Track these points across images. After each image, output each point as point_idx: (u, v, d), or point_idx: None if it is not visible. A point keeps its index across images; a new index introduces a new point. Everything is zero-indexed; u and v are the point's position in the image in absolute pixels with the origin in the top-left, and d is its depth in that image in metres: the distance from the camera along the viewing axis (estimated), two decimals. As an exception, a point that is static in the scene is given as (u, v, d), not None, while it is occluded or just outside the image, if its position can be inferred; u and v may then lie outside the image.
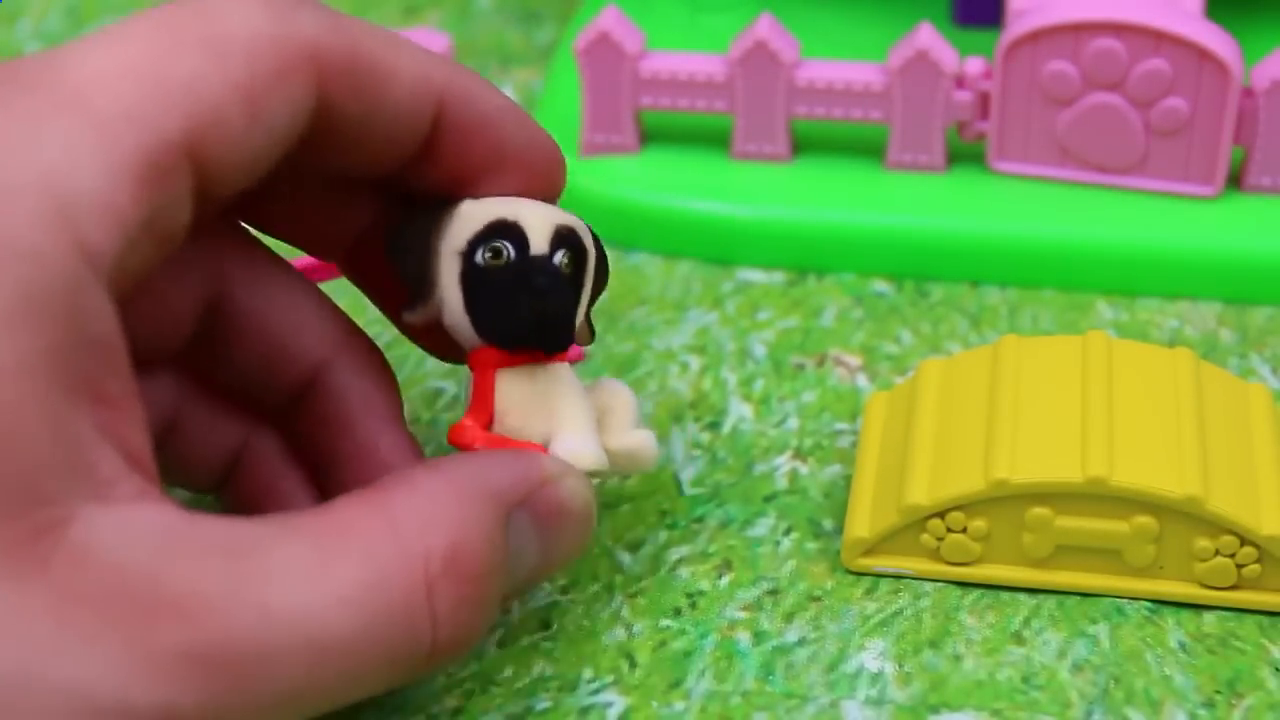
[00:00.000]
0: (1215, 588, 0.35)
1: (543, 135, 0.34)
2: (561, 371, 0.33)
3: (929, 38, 0.45)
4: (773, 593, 0.36)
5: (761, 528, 0.38)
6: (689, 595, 0.36)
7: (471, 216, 0.32)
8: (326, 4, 0.30)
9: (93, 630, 0.25)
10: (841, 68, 0.46)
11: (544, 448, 0.32)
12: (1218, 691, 0.34)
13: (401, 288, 0.33)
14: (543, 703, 0.34)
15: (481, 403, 0.33)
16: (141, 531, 0.26)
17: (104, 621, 0.25)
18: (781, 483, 0.39)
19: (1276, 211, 0.45)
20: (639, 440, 0.34)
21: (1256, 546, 0.35)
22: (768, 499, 0.39)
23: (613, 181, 0.47)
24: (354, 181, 0.34)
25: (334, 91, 0.30)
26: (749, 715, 0.33)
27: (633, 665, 0.35)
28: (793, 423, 0.41)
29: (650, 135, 0.48)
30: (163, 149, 0.27)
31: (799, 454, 0.40)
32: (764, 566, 0.37)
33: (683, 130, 0.48)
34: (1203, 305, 0.45)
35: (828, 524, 0.38)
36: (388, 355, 0.36)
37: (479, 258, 0.32)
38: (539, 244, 0.32)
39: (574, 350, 0.33)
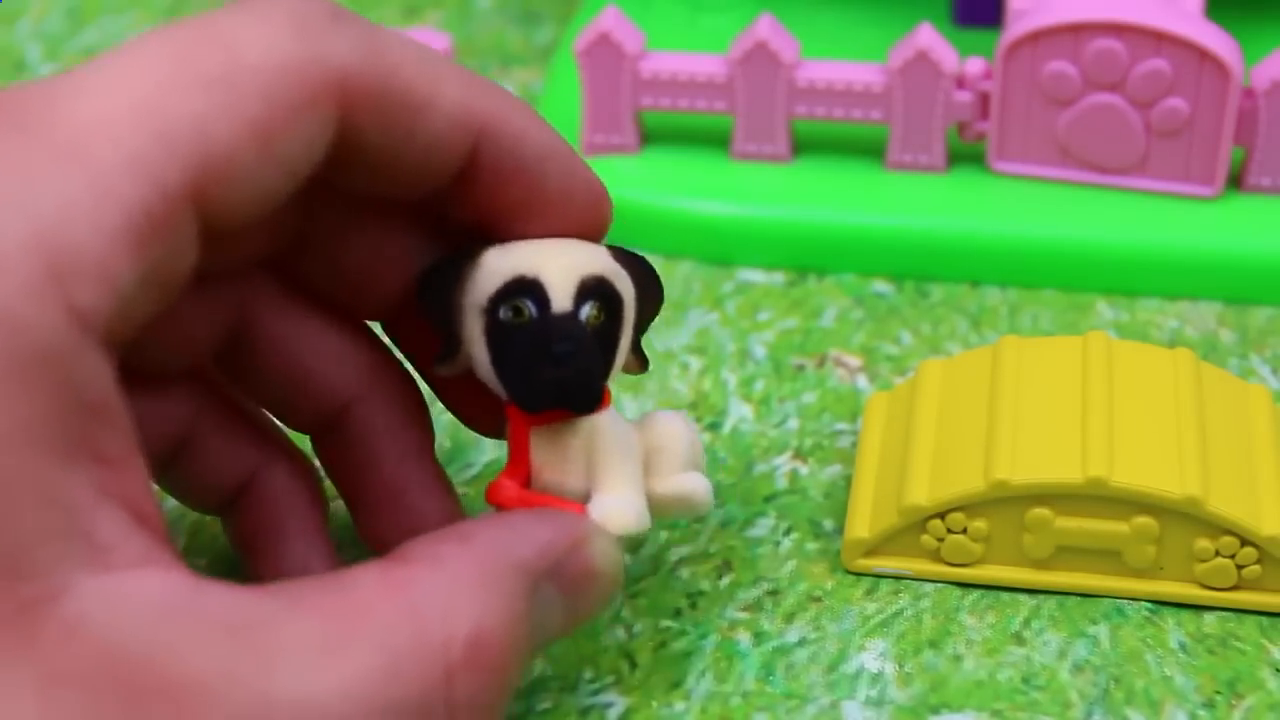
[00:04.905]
0: (1215, 588, 0.35)
1: (588, 176, 0.32)
2: (599, 422, 0.31)
3: (929, 38, 0.45)
4: (773, 593, 0.36)
5: (761, 528, 0.38)
6: (689, 595, 0.36)
7: (494, 270, 0.31)
8: (361, 17, 0.29)
9: (79, 715, 0.24)
10: (841, 68, 0.46)
11: (580, 506, 0.31)
12: (1218, 692, 0.34)
13: (435, 341, 0.32)
14: (543, 703, 0.34)
15: (518, 459, 0.32)
16: (139, 604, 0.25)
17: (91, 706, 0.24)
18: (782, 483, 0.39)
19: (1276, 211, 0.45)
20: (688, 485, 0.32)
21: (1257, 547, 0.35)
22: (768, 499, 0.39)
23: (613, 182, 0.46)
24: (392, 236, 0.32)
25: (361, 121, 0.28)
26: (749, 716, 0.33)
27: (633, 665, 0.35)
28: (793, 423, 0.41)
29: (650, 135, 0.48)
30: (163, 201, 0.26)
31: (799, 454, 0.40)
32: (764, 567, 0.37)
33: (683, 130, 0.48)
34: (1203, 305, 0.45)
35: (828, 524, 0.38)
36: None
37: (501, 314, 0.31)
38: (561, 300, 0.31)
39: (607, 396, 0.32)
